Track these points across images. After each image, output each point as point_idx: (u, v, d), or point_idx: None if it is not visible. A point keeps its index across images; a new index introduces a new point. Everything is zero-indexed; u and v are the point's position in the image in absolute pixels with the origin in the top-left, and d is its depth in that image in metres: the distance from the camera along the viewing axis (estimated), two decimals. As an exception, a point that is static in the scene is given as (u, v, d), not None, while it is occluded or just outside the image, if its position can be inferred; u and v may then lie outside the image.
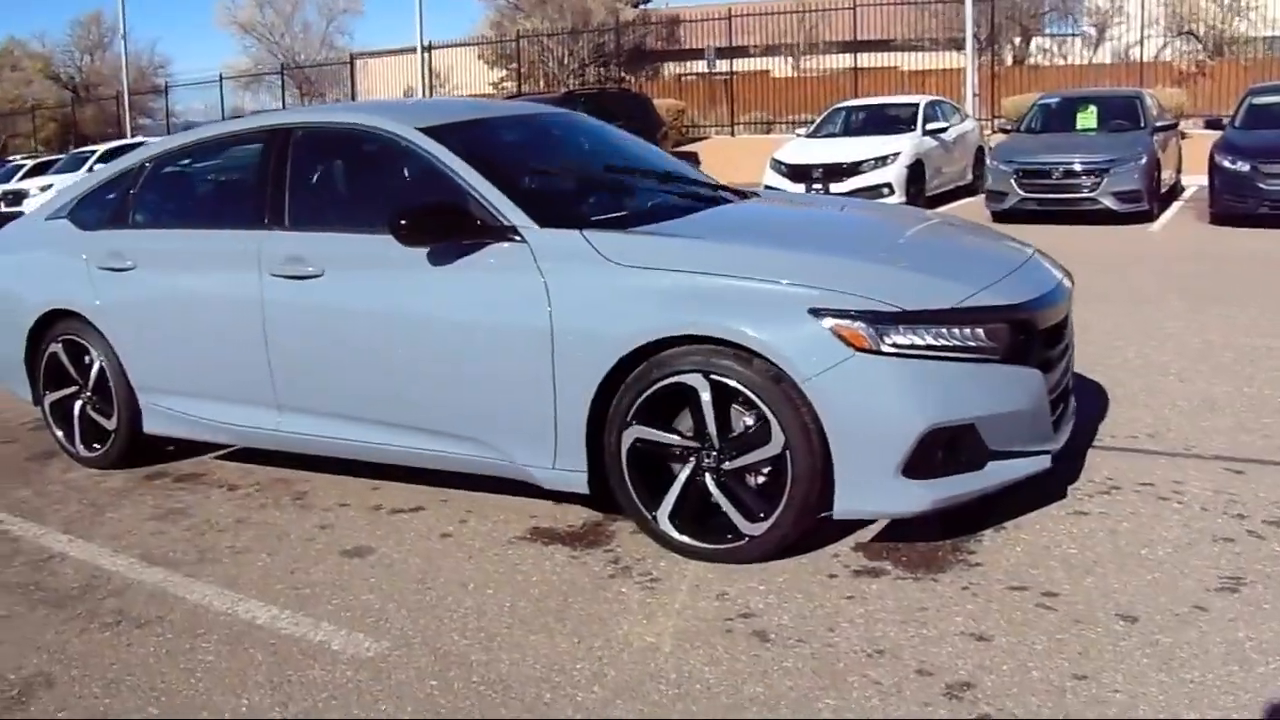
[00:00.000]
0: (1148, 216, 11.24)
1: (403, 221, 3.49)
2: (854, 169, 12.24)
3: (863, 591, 3.08)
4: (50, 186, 18.62)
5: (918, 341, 3.09)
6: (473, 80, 29.09)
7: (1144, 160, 11.12)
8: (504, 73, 31.93)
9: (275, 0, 34.60)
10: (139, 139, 22.04)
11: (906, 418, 3.05)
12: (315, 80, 31.48)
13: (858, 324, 3.07)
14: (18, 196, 18.92)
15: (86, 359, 4.62)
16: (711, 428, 3.23)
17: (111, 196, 4.59)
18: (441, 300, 3.58)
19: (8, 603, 3.37)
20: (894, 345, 3.07)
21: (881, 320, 3.08)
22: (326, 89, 31.68)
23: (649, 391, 3.27)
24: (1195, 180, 13.92)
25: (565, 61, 25.39)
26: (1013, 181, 11.35)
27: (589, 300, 3.34)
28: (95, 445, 4.66)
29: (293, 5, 34.41)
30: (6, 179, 20.31)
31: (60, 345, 4.64)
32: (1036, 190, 11.23)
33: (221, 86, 29.25)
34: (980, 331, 3.15)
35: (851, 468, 3.09)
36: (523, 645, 2.89)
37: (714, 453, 3.26)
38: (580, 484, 3.46)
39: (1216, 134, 11.62)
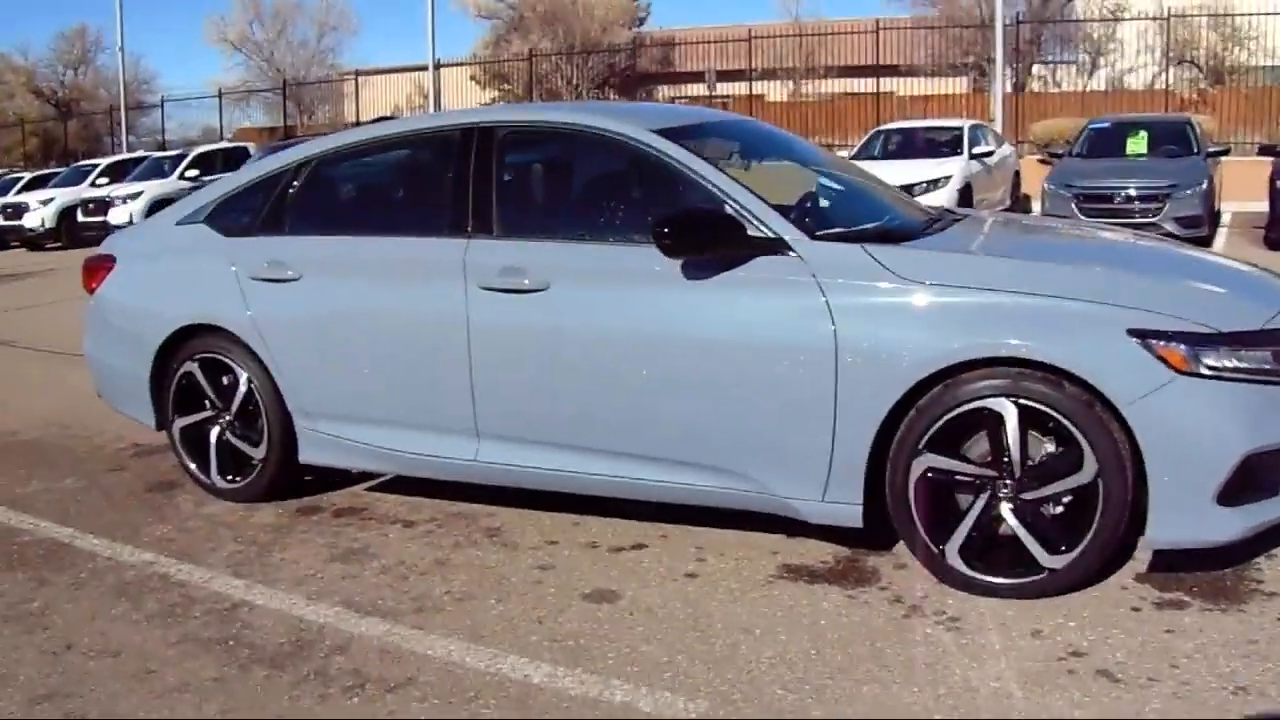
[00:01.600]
0: (1205, 242, 11.13)
1: (666, 230, 3.18)
2: (906, 192, 12.01)
3: (1179, 625, 2.89)
4: (52, 200, 17.97)
5: (1228, 364, 2.93)
6: (465, 100, 28.65)
7: (1204, 186, 11.03)
8: (497, 93, 31.65)
9: (266, 17, 34.05)
10: (141, 153, 21.42)
11: (1226, 443, 2.89)
12: (309, 98, 30.85)
13: (1176, 345, 2.90)
14: (18, 210, 18.18)
15: (226, 380, 4.17)
16: (1014, 455, 3.00)
17: (262, 200, 4.13)
18: (699, 317, 3.25)
19: (212, 662, 2.91)
20: (1209, 367, 2.91)
21: (1199, 342, 2.92)
22: (315, 106, 31.06)
23: (946, 417, 3.02)
24: (1227, 206, 13.93)
25: (575, 81, 25.06)
26: (1073, 206, 11.19)
27: (881, 320, 3.08)
28: (235, 476, 4.19)
29: (283, 23, 33.85)
30: (3, 191, 19.52)
31: (196, 364, 4.17)
32: (1097, 214, 11.04)
33: (221, 102, 28.57)
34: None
35: (1167, 496, 2.91)
36: (860, 697, 2.56)
37: (1011, 481, 3.03)
38: (854, 518, 3.19)
39: (1245, 160, 11.58)
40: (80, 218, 17.30)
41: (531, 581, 3.34)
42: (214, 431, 4.21)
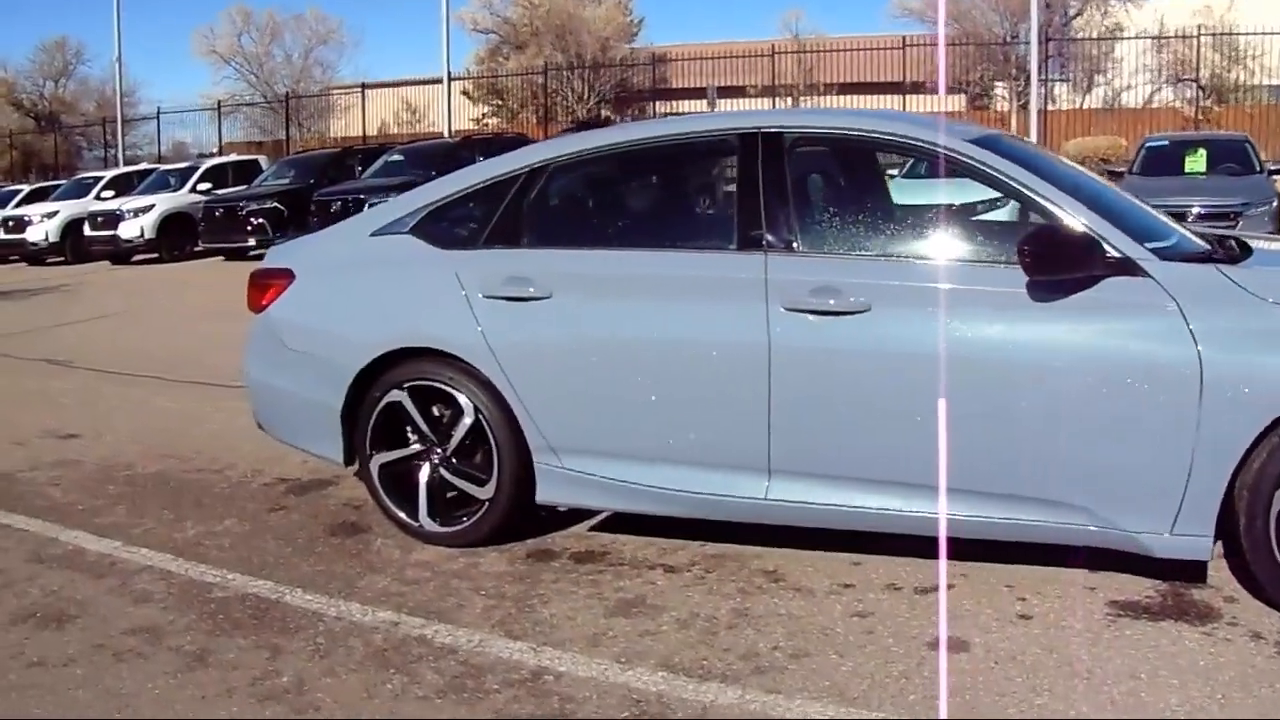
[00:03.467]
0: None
1: (1029, 248, 2.94)
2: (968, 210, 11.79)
3: None
4: (56, 213, 17.23)
5: None
6: (456, 115, 28.05)
7: (1275, 203, 10.96)
8: (489, 108, 31.20)
9: (253, 30, 33.24)
10: (146, 166, 20.68)
11: None
12: (307, 111, 30.14)
13: None
14: (20, 223, 17.39)
15: (439, 410, 3.73)
16: None
17: (488, 209, 3.69)
18: (1048, 342, 3.00)
19: (555, 747, 2.48)
20: None
21: None
22: (306, 120, 30.35)
23: None
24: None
25: (585, 96, 24.72)
26: (1145, 222, 11.03)
27: (1245, 343, 2.88)
28: (451, 518, 3.73)
29: (271, 35, 33.08)
30: (1, 204, 18.69)
31: (405, 393, 3.72)
32: (1169, 231, 10.91)
33: (220, 115, 27.79)
34: None
35: None
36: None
37: None
38: (1202, 551, 2.99)
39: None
40: (88, 231, 16.57)
41: (861, 631, 2.99)
42: (424, 469, 3.75)
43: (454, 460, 3.71)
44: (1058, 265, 2.99)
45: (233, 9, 33.75)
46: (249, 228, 15.27)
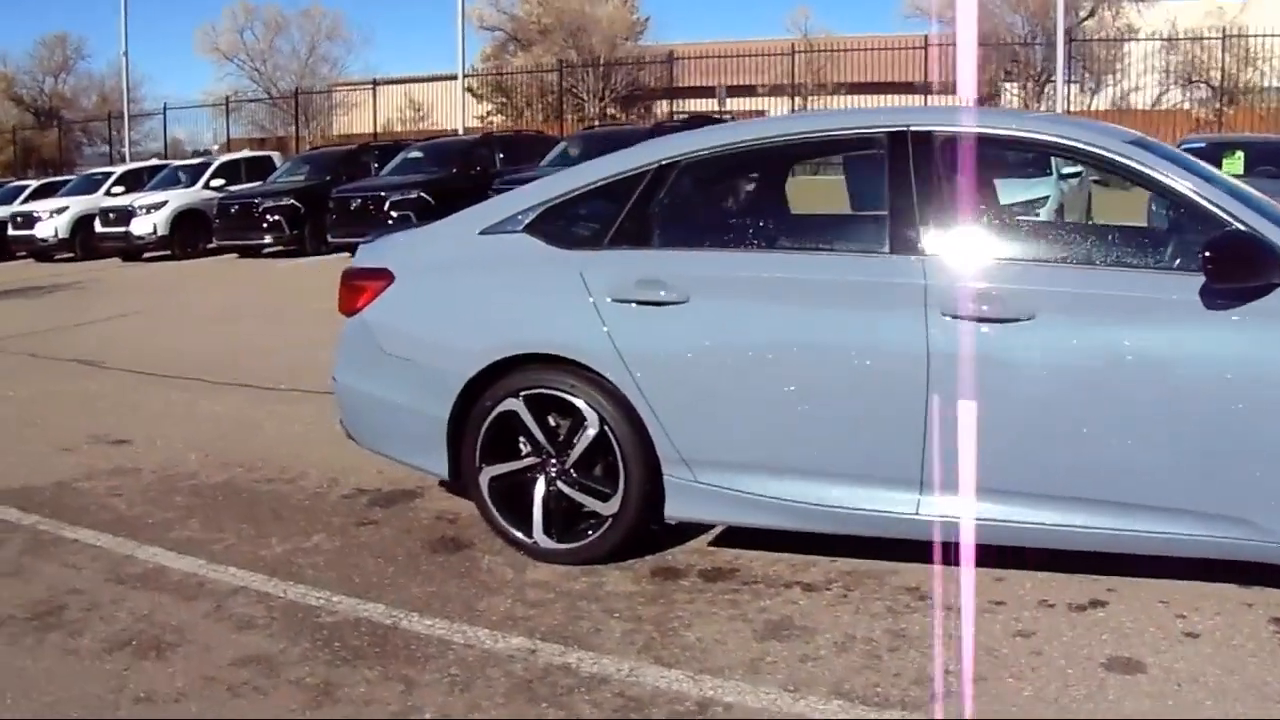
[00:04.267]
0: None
1: (1211, 255, 2.82)
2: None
3: None
4: (65, 209, 16.92)
5: None
6: (457, 115, 27.73)
7: (1318, 205, 10.80)
8: (493, 105, 30.97)
9: (256, 26, 32.94)
10: (156, 162, 20.37)
11: None
12: (314, 107, 29.84)
13: None
14: (28, 219, 17.07)
15: (556, 420, 3.53)
16: None
17: (613, 207, 3.49)
18: (1221, 351, 2.88)
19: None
20: None
21: None
22: (312, 116, 30.04)
23: None
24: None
25: (601, 94, 24.53)
26: (1187, 225, 10.89)
27: None
28: (581, 532, 3.50)
29: (276, 30, 32.77)
30: (7, 200, 18.36)
31: (521, 402, 3.52)
32: (1211, 234, 10.77)
33: (228, 111, 27.46)
34: None
35: None
36: None
37: None
38: None
39: None
40: (99, 228, 16.27)
41: (1028, 652, 2.83)
42: (539, 482, 3.55)
43: (573, 473, 3.51)
44: (1242, 273, 2.85)
45: (235, 6, 33.50)
46: (265, 225, 15.04)
